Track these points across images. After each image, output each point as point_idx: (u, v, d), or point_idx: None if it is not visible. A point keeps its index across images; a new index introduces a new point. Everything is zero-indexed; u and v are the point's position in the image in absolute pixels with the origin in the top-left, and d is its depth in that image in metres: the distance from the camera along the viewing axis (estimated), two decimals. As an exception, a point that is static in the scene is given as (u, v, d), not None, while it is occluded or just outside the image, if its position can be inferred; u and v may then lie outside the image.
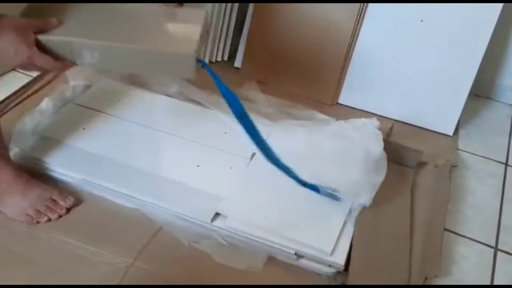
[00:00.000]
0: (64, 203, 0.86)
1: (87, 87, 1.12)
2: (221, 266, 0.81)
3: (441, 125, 1.16)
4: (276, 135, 1.02)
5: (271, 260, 0.83)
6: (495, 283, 0.84)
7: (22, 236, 0.83)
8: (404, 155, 1.00)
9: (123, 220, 0.87)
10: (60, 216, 0.85)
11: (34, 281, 0.76)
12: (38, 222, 0.84)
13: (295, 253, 0.82)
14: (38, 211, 0.84)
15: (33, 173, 0.92)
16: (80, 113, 1.04)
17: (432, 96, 1.15)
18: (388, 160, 0.93)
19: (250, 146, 0.99)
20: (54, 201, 0.86)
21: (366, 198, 0.89)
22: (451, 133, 1.15)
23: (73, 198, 0.87)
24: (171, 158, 0.97)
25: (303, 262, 0.82)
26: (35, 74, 1.19)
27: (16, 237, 0.83)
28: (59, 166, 0.92)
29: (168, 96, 1.12)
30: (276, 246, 0.82)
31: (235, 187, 0.91)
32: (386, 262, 0.82)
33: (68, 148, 0.95)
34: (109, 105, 1.07)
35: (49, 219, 0.84)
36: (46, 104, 1.00)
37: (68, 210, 0.86)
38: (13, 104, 1.08)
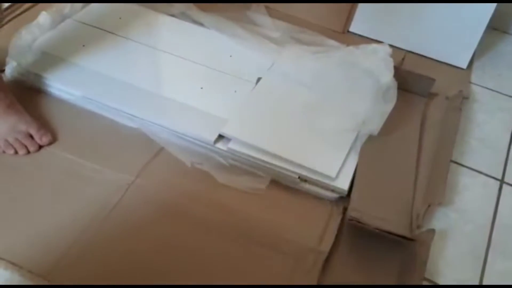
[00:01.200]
0: (39, 140, 0.80)
1: (86, 4, 1.06)
2: (224, 186, 0.80)
3: (455, 58, 1.11)
4: (283, 61, 0.99)
5: (274, 183, 0.82)
6: (498, 214, 0.84)
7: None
8: (416, 83, 0.97)
9: (124, 139, 0.85)
10: (28, 153, 0.79)
11: (31, 196, 0.75)
12: (4, 152, 0.79)
13: (299, 177, 0.81)
14: (7, 141, 0.79)
15: (32, 89, 0.90)
16: (80, 30, 1.00)
17: (448, 28, 1.09)
18: (399, 88, 0.89)
19: (256, 70, 0.98)
20: (29, 135, 0.80)
21: (373, 128, 0.86)
22: (465, 66, 1.11)
23: (50, 135, 0.81)
24: (174, 79, 0.93)
25: (306, 187, 0.81)
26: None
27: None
28: (59, 82, 0.89)
29: (172, 16, 1.08)
30: (280, 170, 0.81)
31: (240, 110, 0.88)
32: (389, 189, 0.81)
33: (67, 65, 0.92)
34: (109, 22, 1.02)
35: (16, 153, 0.79)
36: (43, 18, 0.95)
37: (40, 147, 0.80)
38: (8, 18, 1.03)
